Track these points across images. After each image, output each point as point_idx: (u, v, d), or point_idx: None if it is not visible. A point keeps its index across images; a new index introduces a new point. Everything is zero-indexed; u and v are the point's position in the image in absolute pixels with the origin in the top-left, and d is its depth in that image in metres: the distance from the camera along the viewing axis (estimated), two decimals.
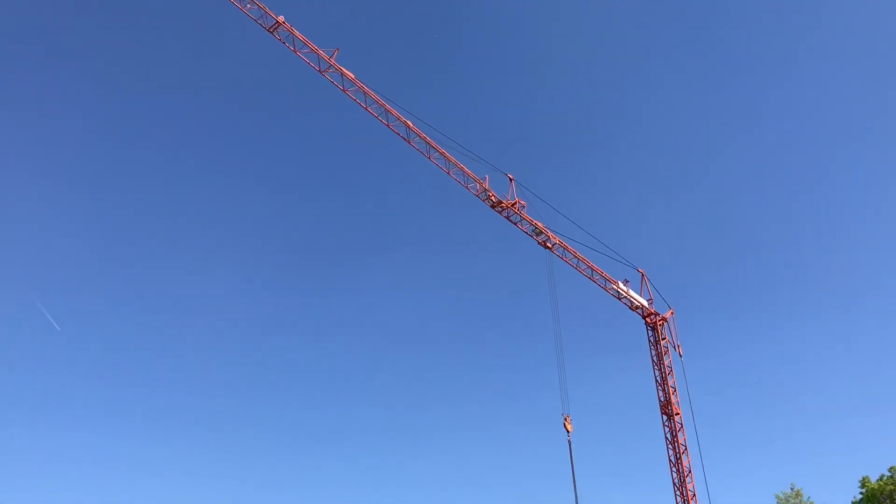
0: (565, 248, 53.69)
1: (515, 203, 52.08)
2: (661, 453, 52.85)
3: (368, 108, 49.53)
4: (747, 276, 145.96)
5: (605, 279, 54.74)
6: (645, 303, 55.68)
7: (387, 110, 49.53)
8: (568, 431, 47.07)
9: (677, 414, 52.90)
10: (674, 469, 52.26)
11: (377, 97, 49.23)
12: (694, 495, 50.99)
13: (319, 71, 47.88)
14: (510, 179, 52.17)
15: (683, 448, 52.20)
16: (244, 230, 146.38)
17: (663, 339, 55.15)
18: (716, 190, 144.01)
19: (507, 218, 52.71)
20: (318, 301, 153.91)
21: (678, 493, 51.30)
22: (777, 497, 55.25)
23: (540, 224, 52.78)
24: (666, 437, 52.85)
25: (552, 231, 53.19)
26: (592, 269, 54.40)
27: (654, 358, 54.92)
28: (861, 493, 49.98)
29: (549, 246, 53.48)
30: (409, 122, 49.77)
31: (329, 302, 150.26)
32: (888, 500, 47.84)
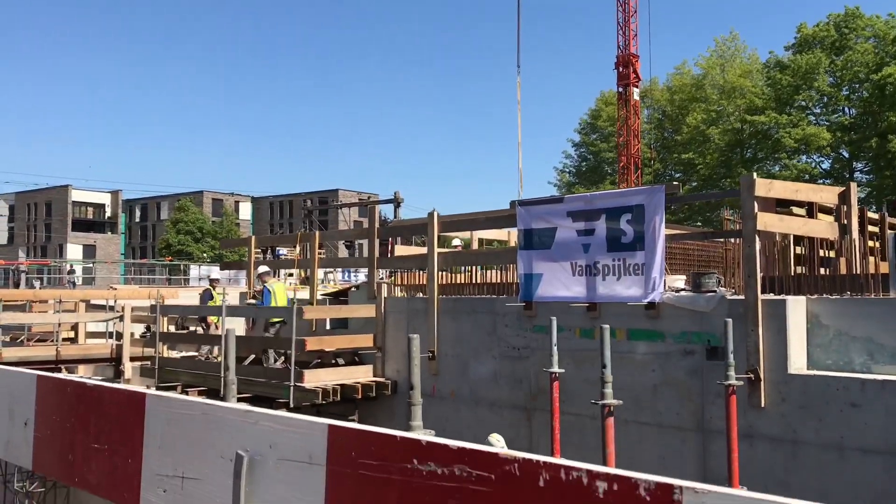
0: None
1: None
2: None
3: None
4: None
5: None
6: None
7: None
8: None
9: None
10: (620, 9, 52.34)
11: None
12: (635, 35, 51.95)
13: None
14: None
15: None
16: None
17: None
18: None
19: None
20: None
21: (621, 32, 52.09)
22: (716, 40, 56.84)
23: None
24: None
25: None
26: None
27: None
28: (796, 38, 51.63)
29: None
30: None
31: None
32: (819, 46, 49.75)
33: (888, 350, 8.45)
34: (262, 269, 15.33)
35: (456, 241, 19.52)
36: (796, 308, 9.00)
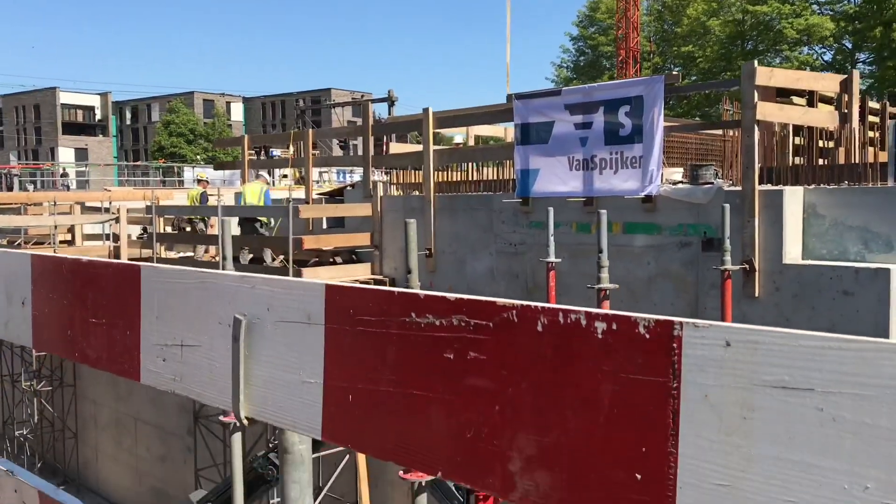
0: None
1: None
2: None
3: None
4: None
5: None
6: None
7: None
8: None
9: None
10: None
11: None
12: None
13: None
14: None
15: None
16: None
17: None
18: None
19: None
20: None
21: None
22: None
23: None
24: None
25: None
26: None
27: None
28: None
29: None
30: None
31: None
32: None
33: (883, 238, 8.50)
34: (262, 171, 15.60)
35: (457, 138, 19.32)
36: (793, 198, 9.00)
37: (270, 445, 10.47)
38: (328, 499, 11.68)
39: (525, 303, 0.98)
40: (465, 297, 1.03)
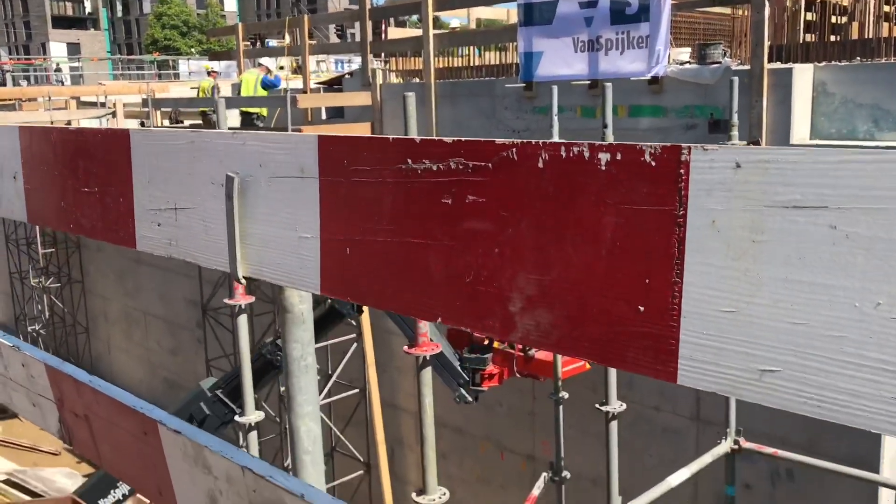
0: None
1: None
2: None
3: None
4: None
5: None
6: None
7: None
8: None
9: None
10: None
11: None
12: None
13: None
14: None
15: None
16: None
17: None
18: None
19: None
20: None
21: None
22: None
23: None
24: None
25: None
26: None
27: None
28: None
29: None
30: None
31: None
32: None
33: (893, 116, 8.34)
34: (263, 59, 15.13)
35: (454, 23, 18.79)
36: (802, 76, 8.77)
37: (278, 333, 10.68)
38: (337, 385, 12.02)
39: (525, 140, 0.94)
40: (463, 139, 0.99)
